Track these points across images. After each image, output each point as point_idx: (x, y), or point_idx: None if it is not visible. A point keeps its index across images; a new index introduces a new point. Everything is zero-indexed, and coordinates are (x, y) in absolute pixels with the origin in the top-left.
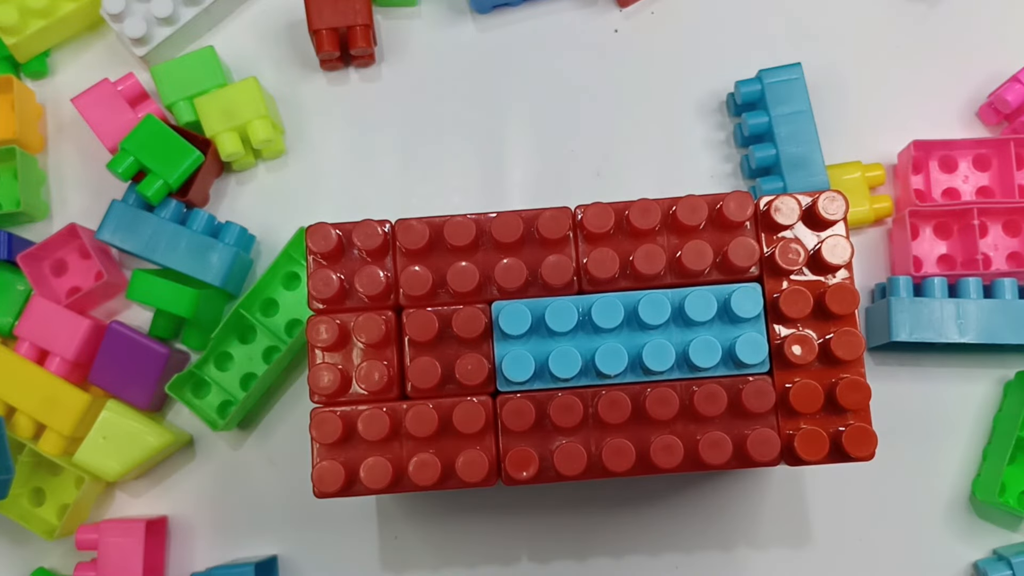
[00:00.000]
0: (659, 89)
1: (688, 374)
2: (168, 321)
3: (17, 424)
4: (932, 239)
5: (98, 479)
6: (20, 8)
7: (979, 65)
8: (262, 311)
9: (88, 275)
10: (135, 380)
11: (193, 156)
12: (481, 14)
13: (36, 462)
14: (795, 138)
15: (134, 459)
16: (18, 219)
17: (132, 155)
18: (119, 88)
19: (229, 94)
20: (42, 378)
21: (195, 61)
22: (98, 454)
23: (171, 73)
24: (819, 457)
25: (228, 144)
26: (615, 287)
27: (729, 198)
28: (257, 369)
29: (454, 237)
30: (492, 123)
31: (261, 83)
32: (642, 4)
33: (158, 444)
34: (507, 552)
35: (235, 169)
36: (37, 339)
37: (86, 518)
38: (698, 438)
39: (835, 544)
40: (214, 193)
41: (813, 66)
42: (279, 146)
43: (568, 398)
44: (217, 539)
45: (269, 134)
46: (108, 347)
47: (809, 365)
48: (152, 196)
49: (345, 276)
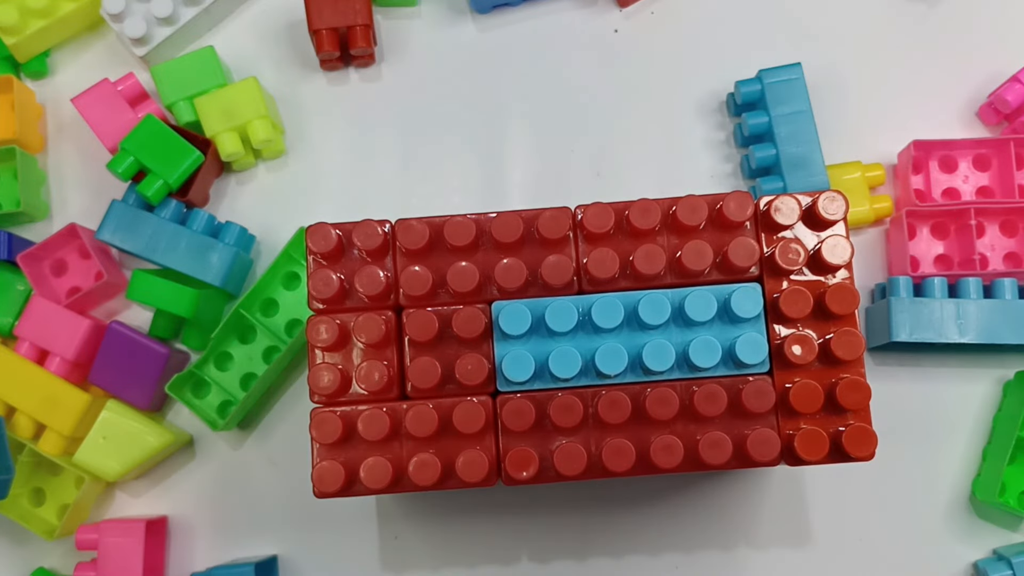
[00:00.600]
0: (659, 89)
1: (688, 374)
2: (168, 321)
3: (17, 424)
4: (929, 239)
5: (98, 479)
6: (20, 8)
7: (979, 65)
8: (262, 311)
9: (88, 275)
10: (135, 380)
11: (193, 156)
12: (481, 14)
13: (36, 462)
14: (795, 138)
15: (134, 459)
16: (18, 219)
17: (132, 155)
18: (119, 88)
19: (229, 94)
20: (42, 378)
21: (195, 61)
22: (98, 454)
23: (171, 73)
24: (819, 457)
25: (228, 144)
26: (615, 287)
27: (729, 198)
28: (257, 369)
29: (454, 237)
30: (492, 123)
31: (261, 83)
32: (642, 4)
33: (158, 444)
34: (507, 552)
35: (235, 169)
36: (37, 339)
37: (86, 518)
38: (698, 438)
39: (835, 544)
40: (214, 193)
41: (813, 66)
42: (279, 146)
43: (568, 398)
44: (217, 539)
45: (269, 134)
46: (108, 347)
47: (809, 365)
48: (152, 196)
49: (345, 276)
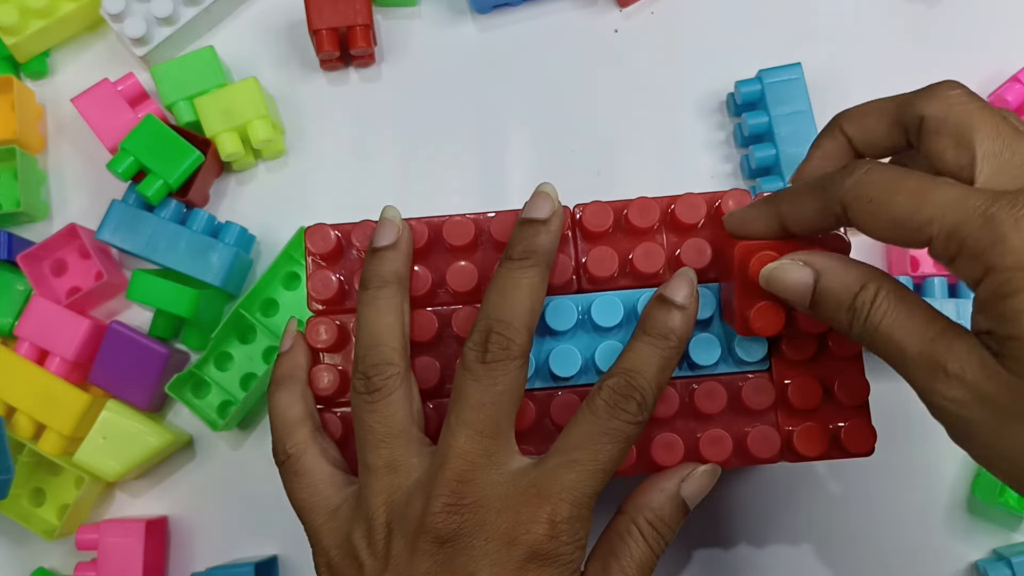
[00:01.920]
0: (659, 89)
1: (688, 372)
2: (168, 321)
3: (17, 424)
4: None
5: (98, 479)
6: (20, 8)
7: (979, 65)
8: (262, 311)
9: (88, 275)
10: (135, 380)
11: (193, 156)
12: (481, 14)
13: (36, 462)
14: (795, 138)
15: (134, 459)
16: (18, 219)
17: (132, 155)
18: (119, 88)
19: (229, 94)
20: (42, 378)
21: (195, 61)
22: (98, 454)
23: (171, 73)
24: (818, 453)
25: (228, 144)
26: (615, 286)
27: (728, 196)
28: (257, 369)
29: (453, 237)
30: (492, 123)
31: (261, 83)
32: (642, 4)
33: (158, 444)
34: None
35: (235, 169)
36: (37, 339)
37: (86, 518)
38: (698, 435)
39: (835, 543)
40: (214, 193)
41: (813, 66)
42: (279, 146)
43: (568, 397)
44: (217, 539)
45: (269, 134)
46: (108, 347)
47: (808, 362)
48: (152, 196)
49: (345, 277)
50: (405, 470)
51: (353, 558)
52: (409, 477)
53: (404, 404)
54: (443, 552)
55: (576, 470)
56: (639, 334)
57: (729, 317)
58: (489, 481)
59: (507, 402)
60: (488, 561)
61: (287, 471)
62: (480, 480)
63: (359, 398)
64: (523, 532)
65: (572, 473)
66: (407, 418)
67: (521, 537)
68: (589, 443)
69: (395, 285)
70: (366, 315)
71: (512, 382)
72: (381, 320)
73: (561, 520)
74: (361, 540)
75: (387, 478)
